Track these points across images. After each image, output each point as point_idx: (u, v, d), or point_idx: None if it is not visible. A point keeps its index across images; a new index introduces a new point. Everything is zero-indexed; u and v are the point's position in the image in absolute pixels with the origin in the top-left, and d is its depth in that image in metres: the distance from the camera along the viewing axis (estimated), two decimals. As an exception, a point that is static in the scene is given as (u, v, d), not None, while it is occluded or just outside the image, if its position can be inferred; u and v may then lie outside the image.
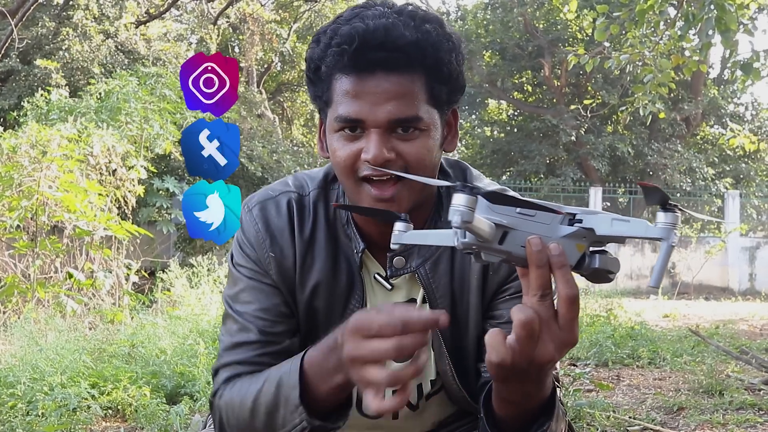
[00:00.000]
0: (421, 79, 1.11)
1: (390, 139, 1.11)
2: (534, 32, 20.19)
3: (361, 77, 1.10)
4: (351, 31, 1.09)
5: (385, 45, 1.08)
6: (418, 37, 1.09)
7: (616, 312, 7.63)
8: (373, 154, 1.09)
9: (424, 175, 1.11)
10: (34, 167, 6.19)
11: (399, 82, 1.09)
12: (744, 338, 6.91)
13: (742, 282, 15.87)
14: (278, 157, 13.46)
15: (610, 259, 0.87)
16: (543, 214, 0.88)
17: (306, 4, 19.39)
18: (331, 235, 1.24)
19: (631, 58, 6.91)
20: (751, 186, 20.13)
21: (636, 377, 5.02)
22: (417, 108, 1.10)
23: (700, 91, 19.46)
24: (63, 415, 3.30)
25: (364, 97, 1.09)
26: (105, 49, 13.72)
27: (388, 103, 1.09)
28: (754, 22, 7.64)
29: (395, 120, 1.10)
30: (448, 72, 1.13)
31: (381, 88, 1.09)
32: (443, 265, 1.23)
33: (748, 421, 3.69)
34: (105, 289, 6.37)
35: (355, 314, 0.94)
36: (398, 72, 1.09)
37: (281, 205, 1.25)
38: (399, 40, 1.08)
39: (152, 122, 8.02)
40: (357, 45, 1.08)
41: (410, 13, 1.11)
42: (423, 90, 1.11)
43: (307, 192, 1.27)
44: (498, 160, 21.08)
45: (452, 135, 1.21)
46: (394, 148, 1.11)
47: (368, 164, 1.10)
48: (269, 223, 1.24)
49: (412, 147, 1.12)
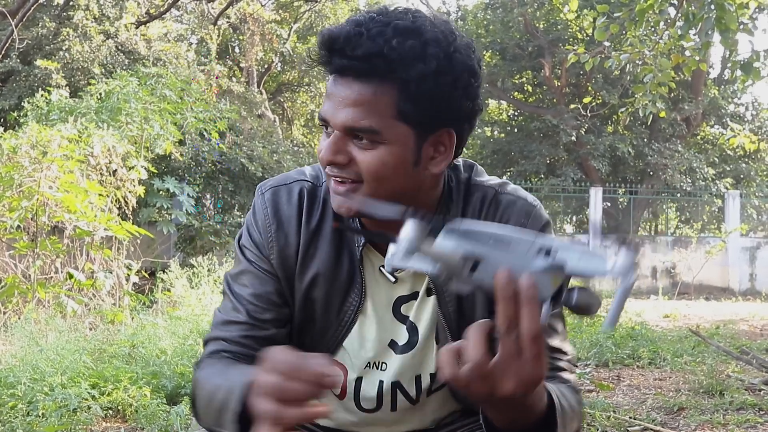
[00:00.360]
0: (389, 92, 1.10)
1: (348, 143, 1.13)
2: (534, 32, 20.19)
3: (335, 79, 1.13)
4: (324, 33, 1.12)
5: (344, 51, 1.09)
6: (383, 50, 1.07)
7: (617, 312, 7.62)
8: (322, 153, 1.14)
9: (380, 188, 1.12)
10: (35, 168, 6.19)
11: (360, 91, 1.10)
12: (744, 338, 6.91)
13: (743, 282, 15.87)
14: (279, 158, 13.47)
15: (589, 294, 0.83)
16: (519, 243, 0.86)
17: (306, 5, 19.39)
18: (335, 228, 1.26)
19: (631, 57, 6.91)
20: (752, 186, 20.12)
21: (636, 377, 5.02)
22: (375, 120, 1.10)
23: (700, 91, 19.45)
24: (63, 416, 3.30)
25: (332, 99, 1.13)
26: (105, 50, 13.72)
27: (345, 108, 1.11)
28: (754, 21, 7.65)
29: (349, 127, 1.11)
30: (417, 91, 1.09)
31: (344, 93, 1.11)
32: None
33: (749, 422, 3.69)
34: (105, 289, 6.37)
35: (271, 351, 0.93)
36: (364, 80, 1.09)
37: (293, 193, 1.27)
38: (357, 50, 1.08)
39: (153, 122, 8.02)
40: (324, 48, 1.12)
41: (394, 26, 1.09)
42: (389, 104, 1.10)
43: (321, 182, 1.28)
44: (498, 160, 21.08)
45: (442, 157, 1.17)
46: (350, 154, 1.13)
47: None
48: (278, 209, 1.26)
49: (365, 156, 1.12)
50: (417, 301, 1.26)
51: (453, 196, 1.25)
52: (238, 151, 12.55)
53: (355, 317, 1.25)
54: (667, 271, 16.02)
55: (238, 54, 20.19)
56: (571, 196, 18.95)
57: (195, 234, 11.04)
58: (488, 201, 1.25)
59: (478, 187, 1.27)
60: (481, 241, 0.87)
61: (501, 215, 1.24)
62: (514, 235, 0.87)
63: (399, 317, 1.27)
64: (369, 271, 1.26)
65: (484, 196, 1.26)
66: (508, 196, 1.26)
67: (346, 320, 1.25)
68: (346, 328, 1.25)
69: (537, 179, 19.59)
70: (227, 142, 12.61)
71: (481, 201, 1.25)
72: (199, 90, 10.74)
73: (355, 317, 1.25)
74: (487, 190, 1.27)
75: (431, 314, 1.26)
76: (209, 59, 16.14)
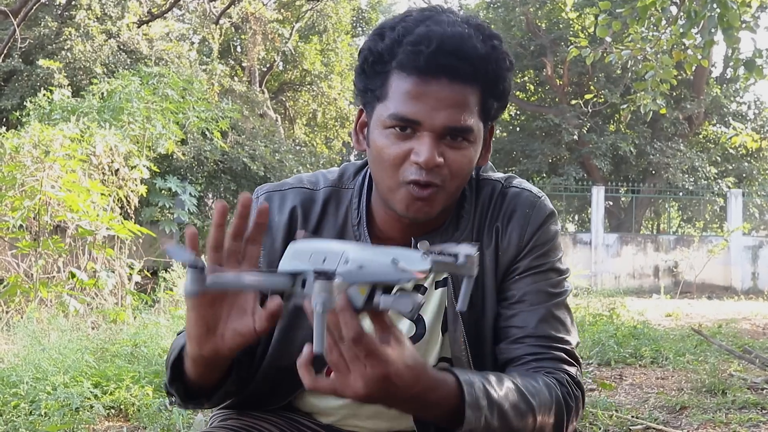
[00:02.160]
0: (477, 91, 1.13)
1: (440, 144, 1.13)
2: (536, 31, 20.18)
3: (425, 80, 1.11)
4: (428, 33, 1.10)
5: (458, 53, 1.09)
6: (487, 52, 1.12)
7: (619, 311, 7.62)
8: (426, 157, 1.11)
9: (460, 186, 1.18)
10: (37, 167, 6.20)
11: (460, 91, 1.11)
12: (747, 337, 6.90)
13: (745, 281, 15.86)
14: (281, 157, 13.48)
15: (398, 299, 0.89)
16: (331, 258, 0.94)
17: (308, 4, 19.39)
18: (338, 234, 1.25)
19: (632, 54, 6.90)
20: (754, 185, 20.10)
21: (638, 376, 5.02)
22: (470, 119, 1.13)
23: (702, 89, 19.43)
24: (66, 415, 3.31)
25: (425, 99, 1.11)
26: (107, 49, 13.74)
27: (446, 109, 1.11)
28: (756, 20, 7.64)
29: (450, 128, 1.12)
30: (502, 89, 1.16)
31: (443, 94, 1.11)
32: None
33: (751, 420, 3.69)
34: (108, 288, 6.38)
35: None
36: (460, 81, 1.11)
37: (286, 201, 1.26)
38: (471, 51, 1.10)
39: (155, 122, 8.03)
40: (434, 48, 1.09)
41: (477, 26, 1.13)
42: (477, 102, 1.14)
43: (319, 188, 1.28)
44: (500, 159, 21.07)
45: (486, 150, 1.23)
46: (443, 155, 1.13)
47: (418, 166, 1.12)
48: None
49: (458, 156, 1.14)
50: (423, 294, 1.26)
51: (466, 192, 1.27)
52: (240, 150, 12.56)
53: None
54: (670, 270, 16.01)
55: (240, 53, 20.20)
56: (573, 195, 18.94)
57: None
58: (496, 194, 1.28)
59: (487, 181, 1.30)
60: (303, 258, 0.96)
61: (507, 207, 1.26)
62: (331, 247, 0.95)
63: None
64: None
65: (493, 189, 1.28)
66: (514, 189, 1.28)
67: None
68: None
69: (539, 178, 19.58)
70: (229, 142, 12.62)
71: (489, 195, 1.28)
72: (201, 89, 10.75)
73: None
74: (495, 184, 1.29)
75: (437, 305, 1.26)
76: (211, 58, 16.17)
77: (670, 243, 16.38)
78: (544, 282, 1.24)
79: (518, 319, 1.22)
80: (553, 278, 1.25)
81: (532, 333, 1.21)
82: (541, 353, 1.20)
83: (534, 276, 1.23)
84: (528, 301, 1.22)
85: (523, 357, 1.20)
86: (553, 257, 1.25)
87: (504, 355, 1.23)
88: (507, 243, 1.24)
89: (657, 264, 16.11)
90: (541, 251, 1.24)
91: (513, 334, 1.22)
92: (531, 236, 1.24)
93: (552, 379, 1.17)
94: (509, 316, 1.23)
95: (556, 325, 1.23)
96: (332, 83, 19.62)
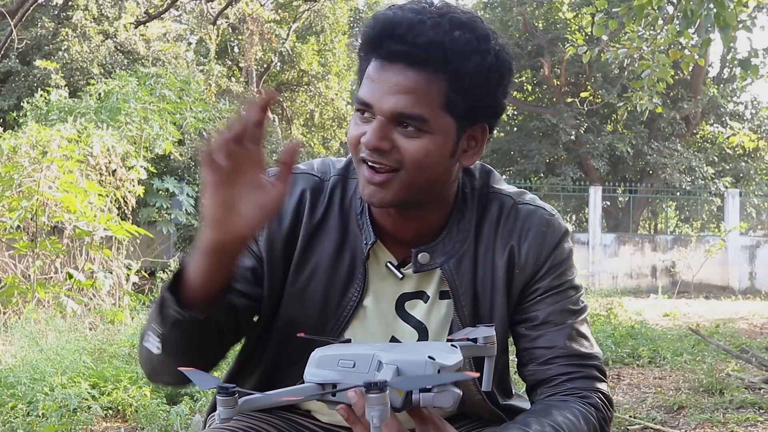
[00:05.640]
0: (440, 83, 1.11)
1: (392, 130, 1.12)
2: (533, 31, 20.20)
3: (383, 64, 1.12)
4: (381, 18, 1.12)
5: (405, 38, 1.09)
6: (444, 40, 1.09)
7: (617, 311, 7.63)
8: (367, 139, 1.12)
9: (419, 177, 1.13)
10: (34, 168, 6.19)
11: (413, 79, 1.10)
12: (744, 337, 6.91)
13: (742, 281, 15.89)
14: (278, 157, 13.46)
15: (438, 395, 0.91)
16: (361, 363, 0.95)
17: (305, 4, 19.38)
18: (342, 222, 1.25)
19: (629, 52, 6.92)
20: (751, 185, 20.13)
21: (636, 376, 5.02)
22: (425, 109, 1.11)
23: (699, 89, 19.46)
24: (63, 416, 3.31)
25: (379, 84, 1.12)
26: (104, 50, 13.72)
27: (396, 95, 1.10)
28: (753, 19, 7.65)
29: (398, 113, 1.11)
30: (470, 85, 1.12)
31: (394, 79, 1.11)
32: (466, 263, 1.24)
33: (749, 420, 3.69)
34: (105, 289, 6.37)
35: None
36: (417, 69, 1.10)
37: (297, 184, 1.26)
38: (419, 38, 1.09)
39: (152, 122, 8.02)
40: (381, 32, 1.11)
41: (450, 18, 1.11)
42: (439, 94, 1.11)
43: (328, 177, 1.28)
44: (498, 159, 21.08)
45: (474, 151, 1.20)
46: (394, 141, 1.12)
47: (364, 147, 1.13)
48: None
49: (411, 144, 1.12)
50: (427, 303, 1.26)
51: (467, 202, 1.26)
52: (237, 150, 12.52)
53: (355, 312, 1.25)
54: (667, 269, 16.03)
55: (237, 54, 20.19)
56: (571, 195, 18.96)
57: (195, 233, 11.04)
58: (506, 210, 1.26)
59: (496, 195, 1.28)
60: (330, 365, 0.97)
61: (521, 225, 1.25)
62: (358, 351, 0.97)
63: (402, 314, 1.26)
64: (374, 267, 1.26)
65: (502, 204, 1.27)
66: (527, 206, 1.27)
67: (345, 314, 1.25)
68: (345, 322, 1.25)
69: (536, 178, 19.60)
70: (227, 142, 12.58)
71: (498, 210, 1.26)
72: (198, 90, 10.74)
73: (355, 312, 1.25)
74: (505, 199, 1.27)
75: (444, 316, 1.26)
76: (208, 59, 16.15)
77: (668, 243, 16.40)
78: (565, 301, 1.24)
79: (545, 339, 1.23)
80: (573, 296, 1.25)
81: (562, 353, 1.22)
82: (572, 372, 1.22)
83: (555, 296, 1.24)
84: (553, 322, 1.23)
85: (555, 378, 1.22)
86: (570, 276, 1.26)
87: (535, 376, 1.24)
88: (524, 262, 1.23)
89: (654, 264, 16.13)
90: (559, 270, 1.24)
91: (542, 355, 1.23)
92: (548, 256, 1.24)
93: (587, 405, 1.18)
94: (535, 337, 1.24)
95: (582, 341, 1.25)
96: (329, 84, 19.61)
